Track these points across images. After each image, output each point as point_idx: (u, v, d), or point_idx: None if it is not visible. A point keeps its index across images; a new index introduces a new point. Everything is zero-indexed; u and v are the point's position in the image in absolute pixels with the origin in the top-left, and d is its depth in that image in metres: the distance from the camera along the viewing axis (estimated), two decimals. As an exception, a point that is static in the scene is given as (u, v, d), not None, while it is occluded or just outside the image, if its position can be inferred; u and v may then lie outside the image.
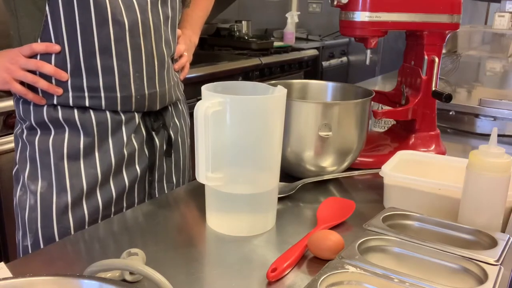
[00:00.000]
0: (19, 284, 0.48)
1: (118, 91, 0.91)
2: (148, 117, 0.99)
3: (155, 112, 1.00)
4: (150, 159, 1.00)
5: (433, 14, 1.03)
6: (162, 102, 0.99)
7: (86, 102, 0.90)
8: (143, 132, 0.98)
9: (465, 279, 0.62)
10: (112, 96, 0.91)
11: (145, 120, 0.99)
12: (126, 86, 0.91)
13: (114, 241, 0.75)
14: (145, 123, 0.99)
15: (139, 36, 0.90)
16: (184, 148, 1.11)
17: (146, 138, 0.99)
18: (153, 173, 1.02)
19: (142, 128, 0.98)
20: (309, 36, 3.86)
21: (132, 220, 0.81)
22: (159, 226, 0.78)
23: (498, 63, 2.82)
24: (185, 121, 1.12)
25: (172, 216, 0.82)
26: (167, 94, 1.00)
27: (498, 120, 1.45)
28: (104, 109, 0.92)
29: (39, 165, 0.91)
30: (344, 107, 0.92)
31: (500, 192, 0.73)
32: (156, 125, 1.01)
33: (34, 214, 0.92)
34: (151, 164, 1.01)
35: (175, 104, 1.07)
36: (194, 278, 0.64)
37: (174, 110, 1.06)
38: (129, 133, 0.95)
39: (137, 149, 0.97)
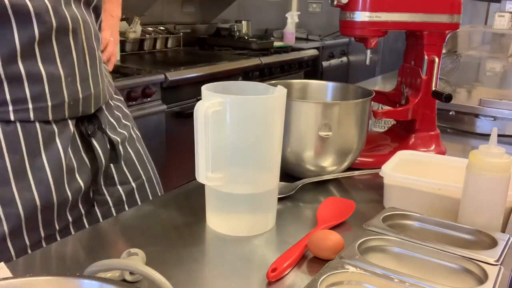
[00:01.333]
0: (19, 284, 0.48)
1: (49, 99, 0.79)
2: (81, 123, 0.88)
3: (88, 116, 0.89)
4: (93, 168, 0.89)
5: (433, 14, 1.03)
6: (97, 103, 0.89)
7: (11, 116, 0.77)
8: (78, 140, 0.87)
9: (465, 279, 0.62)
10: (41, 106, 0.79)
11: (79, 126, 0.87)
12: (57, 93, 0.80)
13: (114, 241, 0.75)
14: (80, 129, 0.87)
15: (68, 34, 0.79)
16: (133, 143, 1.01)
17: (84, 146, 0.88)
18: (96, 181, 0.91)
19: (77, 136, 0.87)
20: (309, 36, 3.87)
21: (132, 220, 0.81)
22: (159, 226, 0.78)
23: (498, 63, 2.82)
24: (123, 113, 1.02)
25: (172, 216, 0.82)
26: (101, 94, 0.90)
27: (498, 120, 1.45)
28: (33, 121, 0.79)
29: None
30: (344, 107, 0.92)
31: (500, 192, 0.73)
32: (91, 129, 0.89)
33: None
34: (95, 172, 0.90)
35: (107, 103, 0.96)
36: (194, 278, 0.64)
37: (106, 108, 0.95)
38: (64, 145, 0.84)
39: (75, 160, 0.86)
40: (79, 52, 0.82)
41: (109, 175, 0.94)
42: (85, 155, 0.88)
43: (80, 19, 0.82)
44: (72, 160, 0.85)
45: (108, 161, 0.92)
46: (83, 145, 0.88)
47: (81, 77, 0.83)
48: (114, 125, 0.96)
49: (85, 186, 0.88)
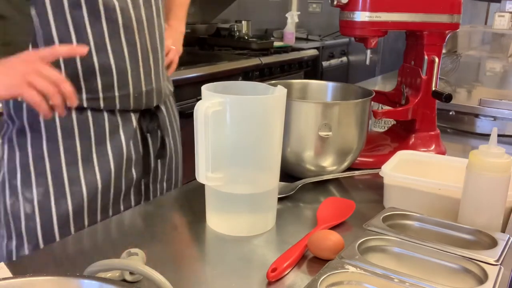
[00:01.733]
0: (19, 284, 0.48)
1: (116, 90, 0.89)
2: (143, 118, 0.97)
3: (150, 113, 0.99)
4: (144, 162, 0.98)
5: (433, 14, 1.03)
6: (159, 98, 0.98)
7: (84, 103, 0.88)
8: (138, 135, 0.96)
9: (465, 279, 0.62)
10: (110, 96, 0.89)
11: (140, 122, 0.97)
12: (124, 84, 0.90)
13: (114, 241, 0.75)
14: (141, 125, 0.97)
15: (134, 31, 0.89)
16: (176, 149, 1.09)
17: (141, 140, 0.97)
18: (148, 175, 1.00)
19: (138, 131, 0.96)
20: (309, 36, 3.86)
21: (132, 220, 0.81)
22: (159, 226, 0.78)
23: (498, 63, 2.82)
24: (175, 118, 1.11)
25: (172, 216, 0.82)
26: (162, 90, 1.00)
27: (498, 120, 1.45)
28: (102, 110, 0.90)
29: (33, 171, 0.87)
30: (344, 107, 0.92)
31: (500, 192, 0.73)
32: (151, 127, 0.99)
33: (31, 223, 0.88)
34: (146, 166, 0.99)
35: (165, 103, 1.06)
36: (194, 278, 0.64)
37: (166, 111, 1.05)
38: (127, 137, 0.94)
39: (134, 152, 0.95)
40: (144, 49, 0.91)
41: (156, 172, 1.02)
42: (141, 149, 0.97)
43: (145, 20, 0.91)
44: (131, 152, 0.95)
45: (156, 158, 1.01)
46: (141, 140, 0.97)
47: (145, 72, 0.93)
48: (168, 128, 1.05)
49: (137, 178, 0.97)
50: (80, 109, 0.88)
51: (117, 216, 0.83)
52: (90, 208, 0.90)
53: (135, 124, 0.95)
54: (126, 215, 0.84)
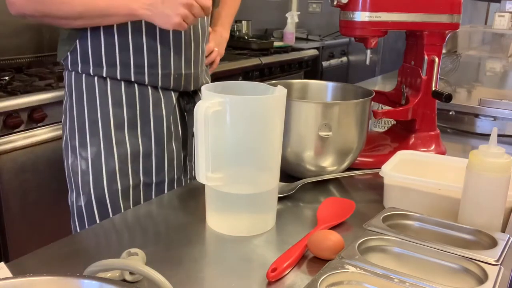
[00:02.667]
0: (19, 284, 0.48)
1: (160, 68, 1.02)
2: (182, 98, 1.09)
3: (188, 95, 1.10)
4: (183, 137, 1.10)
5: (433, 14, 1.03)
6: (196, 83, 1.09)
7: (132, 76, 1.00)
8: (177, 112, 1.08)
9: (465, 279, 0.62)
10: (154, 73, 1.01)
11: (179, 101, 1.09)
12: (166, 65, 1.02)
13: (114, 241, 0.75)
14: (179, 104, 1.09)
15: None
16: None
17: (180, 118, 1.09)
18: (186, 150, 1.12)
19: (177, 108, 1.08)
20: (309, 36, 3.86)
21: (132, 220, 0.81)
22: (159, 226, 0.78)
23: (498, 63, 2.82)
24: None
25: (172, 216, 0.82)
26: (200, 77, 1.10)
27: (498, 120, 1.45)
28: (146, 85, 1.02)
29: (88, 133, 1.02)
30: (344, 107, 0.92)
31: (500, 192, 0.73)
32: (188, 107, 1.10)
33: (86, 177, 1.02)
34: (184, 141, 1.11)
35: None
36: (194, 278, 0.64)
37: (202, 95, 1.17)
38: (168, 111, 1.05)
39: (173, 126, 1.07)
40: (187, 37, 1.03)
41: (192, 150, 1.12)
42: (180, 126, 1.10)
43: None
44: (171, 125, 1.07)
45: (192, 136, 1.10)
46: (180, 117, 1.09)
47: (186, 57, 1.05)
48: None
49: (178, 151, 1.09)
50: (129, 82, 1.01)
51: (117, 216, 0.83)
52: (134, 169, 1.03)
53: (174, 101, 1.07)
54: (126, 215, 0.84)
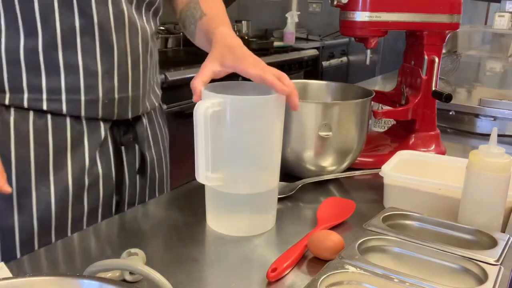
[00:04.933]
0: (19, 284, 0.48)
1: (83, 93, 0.78)
2: (117, 129, 0.86)
3: (126, 123, 0.87)
4: (117, 179, 0.87)
5: (433, 14, 1.03)
6: (136, 109, 0.86)
7: (44, 105, 0.77)
8: (110, 147, 0.85)
9: (465, 279, 0.62)
10: (75, 99, 0.78)
11: (113, 132, 0.85)
12: (92, 87, 0.79)
13: (114, 241, 0.75)
14: (113, 136, 0.85)
15: (111, 30, 0.79)
16: (161, 166, 0.98)
17: (113, 154, 0.86)
18: (121, 193, 0.89)
19: (110, 142, 0.85)
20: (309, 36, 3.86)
21: (132, 220, 0.81)
22: (159, 226, 0.78)
23: (498, 63, 2.82)
24: (162, 135, 0.99)
25: (172, 216, 0.82)
26: (141, 101, 0.87)
27: (498, 120, 1.45)
28: (64, 114, 0.79)
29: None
30: (344, 107, 0.92)
31: (500, 192, 0.73)
32: (125, 139, 0.87)
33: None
34: (118, 184, 0.88)
35: (149, 115, 0.94)
36: (194, 278, 0.64)
37: (148, 122, 0.93)
38: (92, 149, 0.82)
39: (101, 168, 0.84)
40: (121, 51, 0.80)
41: (133, 192, 0.91)
42: (113, 164, 0.86)
43: (127, 19, 0.80)
44: (96, 167, 0.83)
45: (136, 172, 0.91)
46: (113, 153, 0.86)
47: (120, 76, 0.81)
48: (150, 142, 0.94)
49: (106, 196, 0.86)
50: (39, 112, 0.78)
51: (117, 216, 0.83)
52: (43, 227, 0.80)
53: (103, 135, 0.83)
54: (126, 215, 0.83)
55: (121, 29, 0.80)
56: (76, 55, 0.77)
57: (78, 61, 0.77)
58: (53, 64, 0.76)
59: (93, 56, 0.78)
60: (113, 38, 0.79)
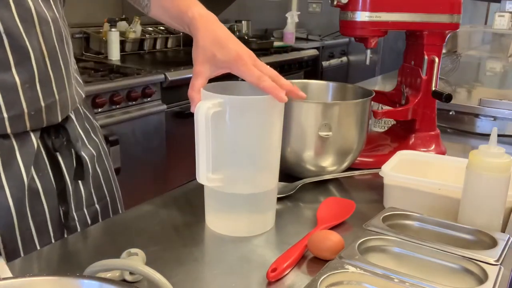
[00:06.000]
0: (19, 284, 0.48)
1: (4, 110, 0.70)
2: (47, 135, 0.78)
3: (55, 127, 0.79)
4: (58, 188, 0.80)
5: (433, 14, 1.03)
6: (64, 111, 0.79)
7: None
8: (44, 156, 0.78)
9: (465, 279, 0.62)
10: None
11: (44, 139, 0.78)
12: (13, 102, 0.71)
13: (114, 241, 0.75)
14: (45, 143, 0.78)
15: (21, 35, 0.69)
16: (101, 160, 0.91)
17: (50, 162, 0.79)
18: (66, 202, 0.82)
19: (42, 151, 0.78)
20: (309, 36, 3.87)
21: (132, 220, 0.81)
22: (159, 226, 0.78)
23: (498, 63, 2.82)
24: (93, 127, 0.91)
25: (172, 216, 0.82)
26: (69, 99, 0.80)
27: (498, 120, 1.45)
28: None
29: None
30: (344, 107, 0.92)
31: (500, 192, 0.73)
32: (58, 143, 0.80)
33: None
34: (61, 192, 0.81)
35: (76, 111, 0.86)
36: (194, 278, 0.64)
37: (76, 118, 0.86)
38: (27, 163, 0.74)
39: (38, 180, 0.77)
40: (37, 54, 0.72)
41: (78, 197, 0.85)
42: (51, 173, 0.79)
43: (35, 15, 0.71)
44: (35, 179, 0.76)
45: (73, 178, 0.83)
46: (49, 162, 0.79)
47: (42, 82, 0.73)
48: (84, 139, 0.87)
49: (52, 209, 0.79)
50: None
51: (117, 216, 0.83)
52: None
53: (36, 144, 0.76)
54: (126, 215, 0.84)
55: (31, 29, 0.71)
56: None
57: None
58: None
59: (7, 68, 0.69)
60: (26, 42, 0.70)
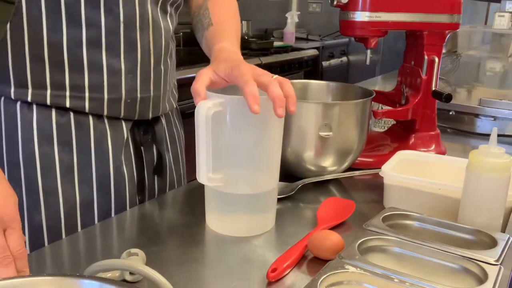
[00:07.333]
0: (19, 284, 0.48)
1: (106, 91, 0.79)
2: (137, 129, 0.87)
3: (145, 123, 0.88)
4: (138, 178, 0.88)
5: (433, 14, 1.03)
6: (156, 109, 0.87)
7: (67, 102, 0.77)
8: (131, 147, 0.85)
9: (465, 279, 0.62)
10: (98, 97, 0.78)
11: (133, 133, 0.86)
12: (115, 86, 0.79)
13: (114, 241, 0.75)
14: (134, 136, 0.86)
15: (135, 29, 0.79)
16: (178, 166, 0.99)
17: (134, 154, 0.86)
18: (143, 192, 0.90)
19: (131, 143, 0.85)
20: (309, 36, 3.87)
21: (132, 220, 0.81)
22: (159, 226, 0.78)
23: (498, 63, 2.82)
24: (178, 136, 1.00)
25: (172, 216, 0.82)
26: (161, 101, 0.88)
27: (498, 120, 1.45)
28: (87, 113, 0.79)
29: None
30: (344, 107, 0.92)
31: (500, 192, 0.73)
32: (145, 139, 0.88)
33: None
34: (140, 183, 0.89)
35: (167, 116, 0.95)
36: (194, 278, 0.64)
37: (166, 123, 0.94)
38: (116, 149, 0.82)
39: (126, 169, 0.85)
40: (145, 50, 0.81)
41: (152, 190, 0.92)
42: (134, 164, 0.87)
43: (151, 18, 0.81)
44: (122, 166, 0.84)
45: (153, 173, 0.91)
46: (134, 153, 0.87)
47: (142, 76, 0.82)
48: (168, 143, 0.94)
49: (131, 196, 0.86)
50: (62, 109, 0.78)
51: (117, 216, 0.83)
52: (69, 226, 0.81)
53: (126, 135, 0.84)
54: (126, 215, 0.84)
55: (145, 28, 0.80)
56: (101, 53, 0.77)
57: (102, 59, 0.77)
58: (77, 62, 0.76)
59: (117, 54, 0.78)
60: (137, 37, 0.79)
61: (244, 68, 0.69)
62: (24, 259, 0.56)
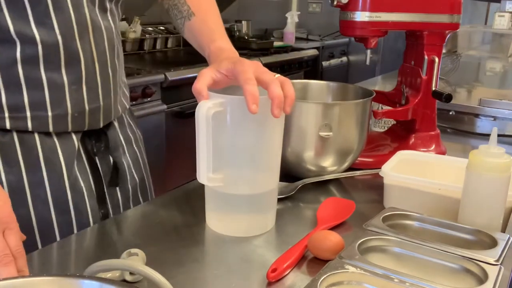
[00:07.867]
0: (19, 284, 0.48)
1: (49, 108, 0.73)
2: (88, 139, 0.82)
3: (96, 132, 0.83)
4: (97, 190, 0.83)
5: (433, 14, 1.03)
6: (107, 117, 0.82)
7: (7, 123, 0.72)
8: (84, 158, 0.81)
9: (465, 279, 0.62)
10: (40, 115, 0.73)
11: (85, 142, 0.81)
12: (59, 101, 0.74)
13: (114, 241, 0.75)
14: (85, 146, 0.81)
15: (74, 39, 0.73)
16: (139, 169, 0.94)
17: (89, 166, 0.82)
18: (105, 205, 0.85)
19: (83, 153, 0.81)
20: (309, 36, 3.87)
21: (132, 220, 0.81)
22: (159, 226, 0.78)
23: (498, 63, 2.82)
24: (135, 138, 0.94)
25: (172, 216, 0.82)
26: (113, 107, 0.83)
27: (498, 120, 1.45)
28: (31, 131, 0.74)
29: None
30: (344, 107, 0.92)
31: (500, 192, 0.73)
32: (98, 147, 0.83)
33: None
34: (100, 196, 0.84)
35: (120, 118, 0.90)
36: (194, 278, 0.64)
37: (119, 126, 0.89)
38: (68, 161, 0.77)
39: (82, 183, 0.80)
40: (88, 58, 0.76)
41: (115, 201, 0.87)
42: (90, 176, 0.82)
43: (90, 23, 0.75)
44: (77, 179, 0.79)
45: (108, 184, 0.86)
46: (88, 165, 0.82)
47: (88, 86, 0.77)
48: (124, 147, 0.90)
49: (92, 211, 0.82)
50: (2, 130, 0.73)
51: (117, 216, 0.83)
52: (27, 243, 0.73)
53: (77, 146, 0.79)
54: (126, 215, 0.83)
55: (85, 35, 0.75)
56: (39, 69, 0.72)
57: (41, 75, 0.72)
58: (14, 80, 0.71)
59: (57, 67, 0.73)
60: (78, 46, 0.74)
61: (247, 64, 0.68)
62: (23, 258, 0.57)
